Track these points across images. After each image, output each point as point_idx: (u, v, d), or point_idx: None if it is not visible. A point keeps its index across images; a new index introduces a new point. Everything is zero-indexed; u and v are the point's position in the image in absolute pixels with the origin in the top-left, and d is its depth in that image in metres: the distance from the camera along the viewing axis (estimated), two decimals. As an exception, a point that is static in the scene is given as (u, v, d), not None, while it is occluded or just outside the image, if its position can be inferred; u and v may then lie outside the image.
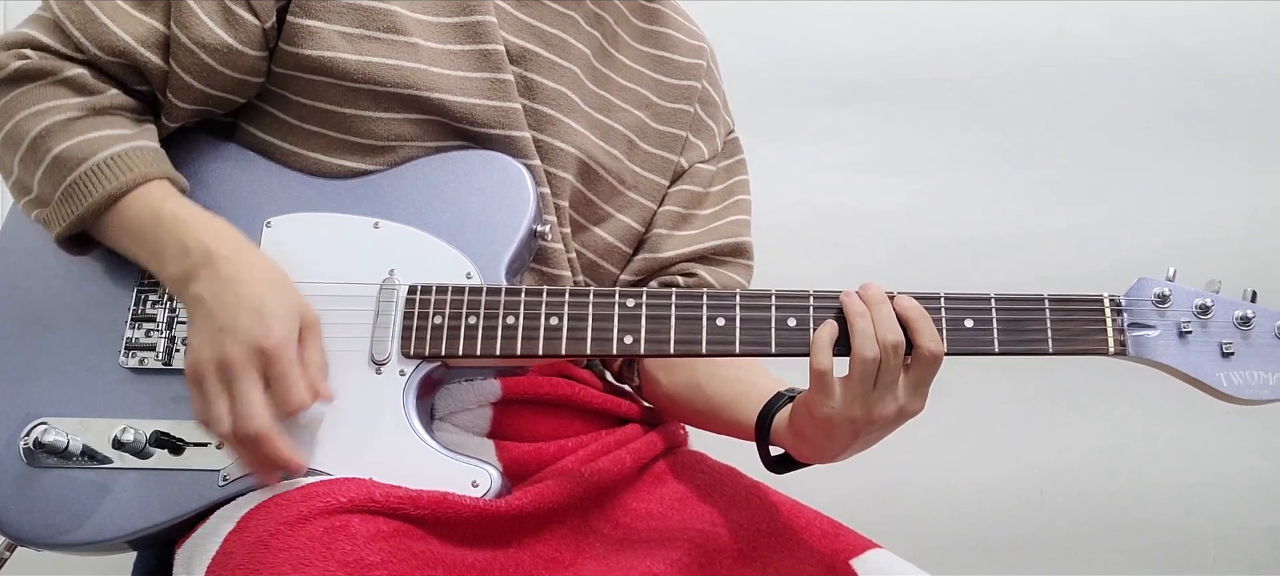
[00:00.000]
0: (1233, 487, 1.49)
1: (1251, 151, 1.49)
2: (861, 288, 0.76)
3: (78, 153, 0.77)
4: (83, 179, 0.77)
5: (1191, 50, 1.49)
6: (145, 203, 0.78)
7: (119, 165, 0.78)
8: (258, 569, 0.65)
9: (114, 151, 0.78)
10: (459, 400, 0.85)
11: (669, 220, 0.98)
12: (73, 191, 0.77)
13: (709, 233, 0.98)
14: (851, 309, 0.75)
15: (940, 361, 0.75)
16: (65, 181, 0.77)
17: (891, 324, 0.74)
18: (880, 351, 0.73)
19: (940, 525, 1.45)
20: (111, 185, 0.77)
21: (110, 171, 0.77)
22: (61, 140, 0.78)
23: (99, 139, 0.78)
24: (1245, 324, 0.76)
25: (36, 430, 0.78)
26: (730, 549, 0.83)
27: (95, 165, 0.77)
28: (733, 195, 1.02)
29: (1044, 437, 1.48)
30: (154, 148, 0.81)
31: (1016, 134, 1.49)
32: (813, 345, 0.75)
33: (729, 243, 0.99)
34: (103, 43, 0.80)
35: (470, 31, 0.86)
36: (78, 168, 0.77)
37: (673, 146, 0.98)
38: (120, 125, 0.80)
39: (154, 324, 0.81)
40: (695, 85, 1.00)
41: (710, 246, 0.98)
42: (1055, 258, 1.45)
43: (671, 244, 0.97)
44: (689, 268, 0.97)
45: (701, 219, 0.99)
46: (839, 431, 0.75)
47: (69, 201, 0.78)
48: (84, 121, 0.79)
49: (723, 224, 1.00)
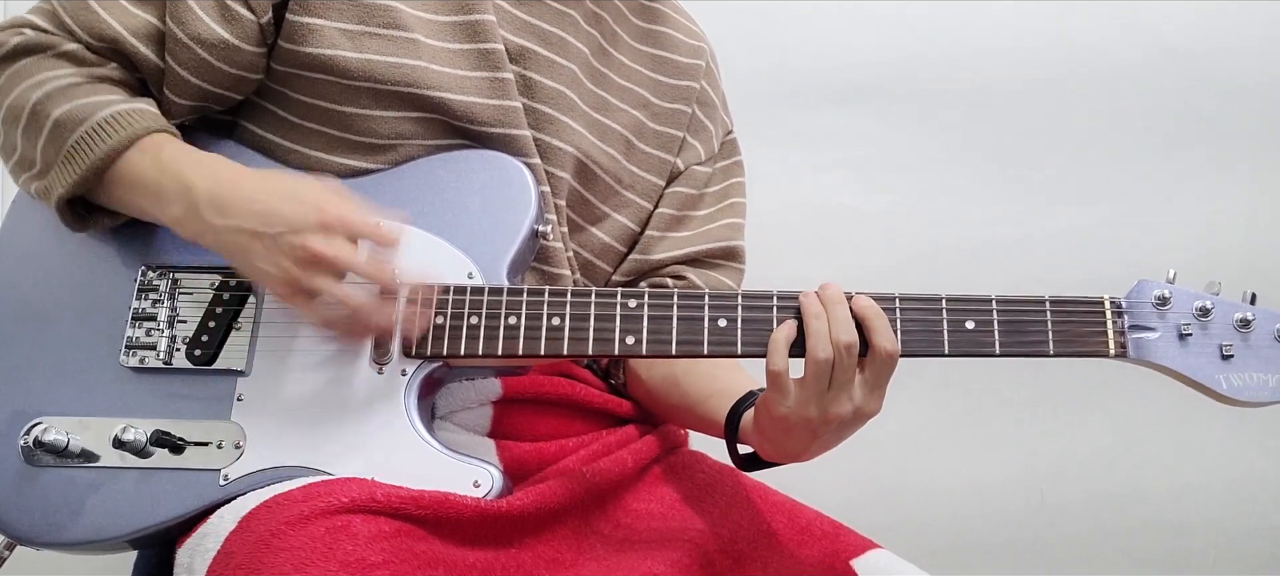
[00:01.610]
0: (1233, 488, 1.49)
1: (1251, 154, 1.49)
2: (820, 288, 0.76)
3: (78, 114, 0.78)
4: (85, 138, 0.77)
5: (1191, 52, 1.49)
6: (146, 153, 0.78)
7: (120, 122, 0.78)
8: (259, 568, 0.65)
9: (115, 110, 0.78)
10: (460, 399, 0.85)
11: (663, 222, 0.98)
12: (75, 151, 0.78)
13: (701, 236, 0.98)
14: (808, 310, 0.75)
15: (895, 361, 0.75)
16: (67, 142, 0.78)
17: (847, 325, 0.74)
18: (834, 352, 0.73)
19: (940, 525, 1.45)
20: (113, 141, 0.77)
21: (111, 128, 0.77)
22: (61, 104, 0.78)
23: (99, 102, 0.79)
24: (1245, 326, 0.76)
25: (36, 429, 0.78)
26: (730, 549, 0.83)
27: (96, 123, 0.77)
28: (728, 198, 1.02)
29: (1044, 438, 1.48)
30: (154, 110, 0.81)
31: (1016, 135, 1.49)
32: (769, 346, 0.75)
33: (720, 246, 0.99)
34: (93, 29, 0.80)
35: (470, 30, 0.86)
36: (79, 127, 0.77)
37: (670, 147, 0.98)
38: (119, 92, 0.81)
39: (154, 322, 0.81)
40: (693, 86, 1.00)
41: (701, 249, 0.98)
42: (1055, 259, 1.45)
43: (664, 246, 0.97)
44: (679, 271, 0.97)
45: (696, 220, 0.99)
46: (796, 430, 0.75)
47: (72, 161, 0.78)
48: (83, 87, 0.79)
49: (715, 227, 1.00)
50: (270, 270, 0.74)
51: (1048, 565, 1.47)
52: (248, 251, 0.74)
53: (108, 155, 0.77)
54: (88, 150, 0.77)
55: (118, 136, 0.77)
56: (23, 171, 0.82)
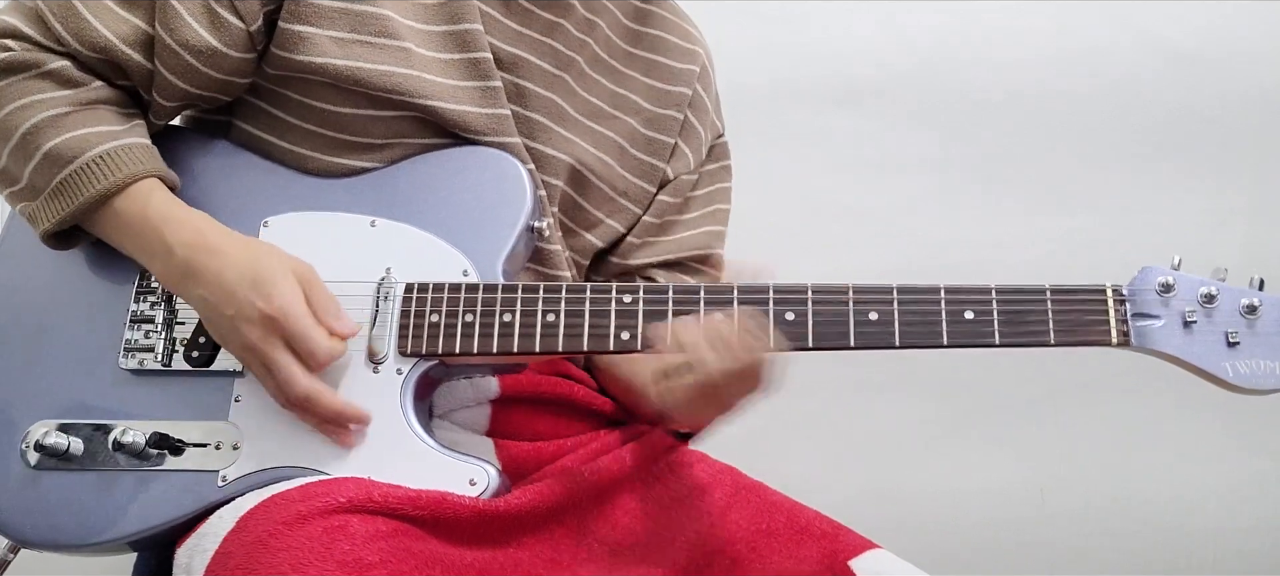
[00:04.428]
0: (1233, 489, 1.47)
1: (1251, 155, 1.49)
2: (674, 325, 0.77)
3: (69, 149, 0.78)
4: (74, 176, 0.77)
5: (1192, 52, 1.49)
6: (134, 201, 0.78)
7: (110, 163, 0.78)
8: (257, 569, 0.65)
9: (105, 149, 0.78)
10: (458, 398, 0.84)
11: (647, 228, 0.97)
12: (64, 188, 0.78)
13: (679, 243, 0.98)
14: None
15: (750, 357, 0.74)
16: (56, 178, 0.78)
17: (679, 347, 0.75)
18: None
19: (940, 526, 1.44)
20: (103, 184, 0.77)
21: (101, 169, 0.78)
22: (52, 136, 0.78)
23: (90, 135, 0.79)
24: (1251, 312, 0.75)
25: (37, 433, 0.78)
26: (729, 549, 0.83)
27: (87, 162, 0.77)
28: (712, 203, 1.01)
29: (1045, 438, 1.47)
30: (145, 144, 0.81)
31: (1016, 134, 1.49)
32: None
33: (698, 253, 0.98)
34: (84, 38, 0.80)
35: (458, 40, 0.86)
36: (70, 165, 0.77)
37: (662, 154, 0.97)
38: (110, 120, 0.81)
39: (153, 325, 0.81)
40: (686, 91, 0.99)
41: (678, 255, 0.97)
42: (1055, 259, 1.44)
43: (644, 252, 0.96)
44: (653, 274, 0.97)
45: (678, 225, 0.99)
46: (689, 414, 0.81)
47: (60, 198, 0.78)
48: (73, 116, 0.79)
49: (696, 233, 0.99)
50: (232, 343, 0.77)
51: (1048, 565, 1.46)
52: (212, 322, 0.78)
53: (96, 199, 0.77)
54: (77, 190, 0.77)
55: (108, 180, 0.77)
56: (6, 185, 0.82)
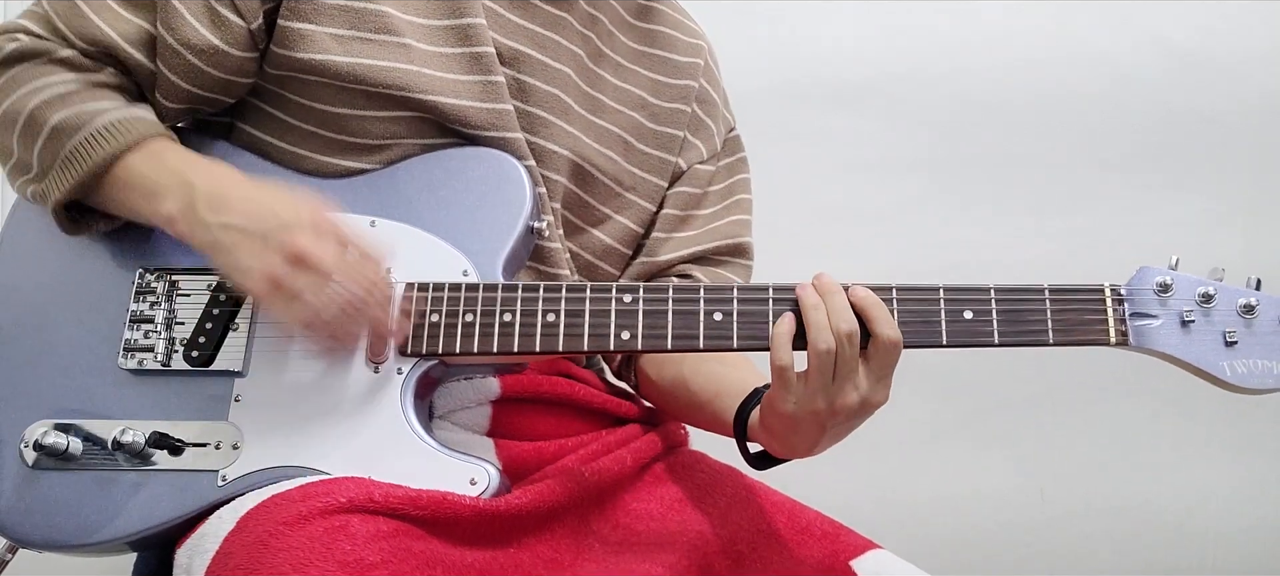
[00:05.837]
0: (1233, 489, 1.48)
1: (1248, 155, 1.49)
2: (815, 278, 0.76)
3: (76, 120, 0.78)
4: (83, 144, 0.78)
5: (1192, 51, 1.49)
6: (148, 155, 0.78)
7: (119, 129, 0.78)
8: (257, 569, 0.65)
9: (113, 117, 0.79)
10: (458, 398, 0.84)
11: (668, 222, 0.97)
12: (73, 156, 0.78)
13: (708, 233, 0.98)
14: (805, 301, 0.74)
15: (899, 349, 0.74)
16: (65, 147, 0.78)
17: (845, 313, 0.73)
18: (835, 342, 0.72)
19: (940, 526, 1.44)
20: (111, 146, 0.77)
21: (110, 135, 0.78)
22: (59, 110, 0.78)
23: (97, 109, 0.79)
24: (1249, 312, 0.75)
25: (36, 432, 0.78)
26: (730, 549, 0.83)
27: (95, 130, 0.78)
28: (733, 194, 1.02)
29: (1045, 439, 1.47)
30: (151, 116, 0.82)
31: (1016, 135, 1.49)
32: (772, 341, 0.74)
33: (727, 243, 0.98)
34: (86, 35, 0.81)
35: (460, 34, 0.86)
36: (77, 133, 0.78)
37: (670, 147, 0.98)
38: (116, 99, 0.81)
39: (152, 325, 0.81)
40: (692, 84, 0.99)
41: (709, 247, 0.97)
42: (1053, 258, 1.44)
43: (670, 246, 0.97)
44: (686, 269, 0.97)
45: (701, 219, 0.99)
46: (804, 425, 0.75)
47: (70, 166, 0.78)
48: (80, 94, 0.80)
49: (722, 224, 0.99)
50: (255, 265, 0.73)
51: (1047, 565, 1.46)
52: (236, 248, 0.74)
53: (106, 160, 0.77)
54: (86, 156, 0.77)
55: (116, 143, 0.77)
56: (19, 175, 0.82)
